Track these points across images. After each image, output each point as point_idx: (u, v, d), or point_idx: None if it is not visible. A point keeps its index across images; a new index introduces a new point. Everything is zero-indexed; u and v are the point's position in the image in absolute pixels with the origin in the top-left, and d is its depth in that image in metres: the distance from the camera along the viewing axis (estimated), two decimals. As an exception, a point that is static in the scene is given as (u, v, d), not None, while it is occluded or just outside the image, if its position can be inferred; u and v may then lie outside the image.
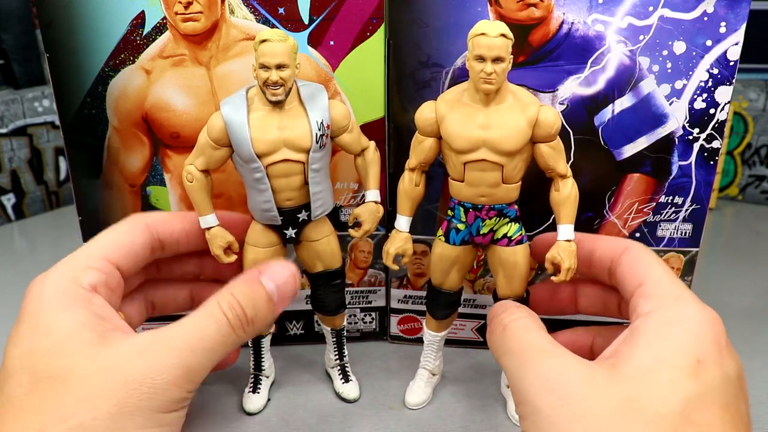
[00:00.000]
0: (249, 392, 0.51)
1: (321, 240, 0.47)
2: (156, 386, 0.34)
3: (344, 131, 0.45)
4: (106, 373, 0.34)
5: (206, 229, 0.45)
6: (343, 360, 0.53)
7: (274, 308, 0.40)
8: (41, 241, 0.84)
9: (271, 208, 0.44)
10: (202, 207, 0.45)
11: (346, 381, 0.52)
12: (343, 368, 0.53)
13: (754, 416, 0.50)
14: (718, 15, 0.47)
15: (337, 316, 0.51)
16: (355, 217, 0.48)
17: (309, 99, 0.43)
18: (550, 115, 0.43)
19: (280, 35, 0.40)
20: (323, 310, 0.50)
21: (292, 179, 0.43)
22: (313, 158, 0.43)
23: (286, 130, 0.42)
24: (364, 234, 0.47)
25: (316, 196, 0.44)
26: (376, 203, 0.47)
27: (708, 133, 0.50)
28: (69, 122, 0.50)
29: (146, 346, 0.36)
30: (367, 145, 0.47)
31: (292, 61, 0.41)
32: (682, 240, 0.54)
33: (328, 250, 0.47)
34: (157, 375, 0.34)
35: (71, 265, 0.40)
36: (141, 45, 0.48)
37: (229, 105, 0.42)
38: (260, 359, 0.51)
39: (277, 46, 0.40)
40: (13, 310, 0.39)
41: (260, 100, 0.42)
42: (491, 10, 0.48)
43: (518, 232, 0.46)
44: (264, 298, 0.40)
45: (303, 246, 0.47)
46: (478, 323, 0.58)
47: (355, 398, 0.52)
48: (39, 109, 0.87)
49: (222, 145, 0.43)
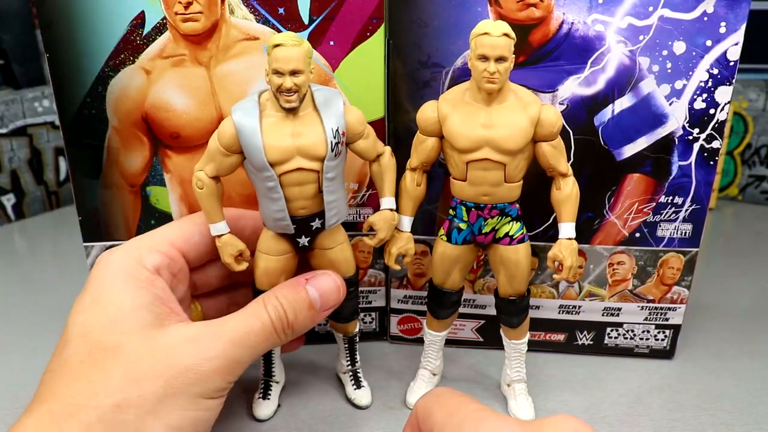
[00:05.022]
0: (259, 398, 0.51)
1: (335, 248, 0.45)
2: (201, 373, 0.37)
3: (360, 137, 0.43)
4: (155, 356, 0.36)
5: (216, 237, 0.44)
6: (355, 366, 0.52)
7: (315, 315, 0.43)
8: (41, 241, 0.84)
9: (284, 218, 0.42)
10: (212, 214, 0.43)
11: (358, 387, 0.51)
12: (355, 374, 0.52)
13: (754, 416, 0.50)
14: (718, 15, 0.47)
15: (350, 323, 0.50)
16: (370, 225, 0.46)
17: (324, 105, 0.41)
18: (552, 114, 0.43)
19: (295, 39, 0.39)
20: (336, 317, 0.49)
21: (305, 188, 0.42)
22: (328, 167, 0.41)
23: (300, 137, 0.40)
24: (379, 242, 0.46)
25: (330, 205, 0.43)
26: (392, 210, 0.46)
27: (708, 133, 0.50)
28: (69, 122, 0.50)
29: (196, 336, 0.38)
30: (382, 151, 0.45)
31: (307, 66, 0.39)
32: (682, 240, 0.54)
33: (341, 258, 0.46)
34: (203, 363, 0.37)
35: (138, 245, 0.42)
36: (141, 45, 0.48)
37: (240, 111, 0.40)
38: (271, 365, 0.51)
39: (291, 51, 0.38)
40: (14, 310, 0.39)
41: (273, 105, 0.41)
42: (491, 10, 0.48)
43: (520, 231, 0.46)
44: (306, 304, 0.42)
45: (316, 254, 0.46)
46: (478, 323, 0.58)
47: (367, 404, 0.51)
48: (39, 109, 0.87)
49: (233, 152, 0.41)
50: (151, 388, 0.35)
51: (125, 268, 0.40)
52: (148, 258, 0.41)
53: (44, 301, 0.66)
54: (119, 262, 0.41)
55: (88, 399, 0.34)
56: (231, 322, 0.39)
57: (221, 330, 0.39)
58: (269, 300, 0.41)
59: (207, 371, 0.37)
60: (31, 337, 0.60)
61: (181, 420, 0.36)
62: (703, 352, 0.59)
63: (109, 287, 0.39)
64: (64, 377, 0.36)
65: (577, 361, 0.58)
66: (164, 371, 0.36)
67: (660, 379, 0.55)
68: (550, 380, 0.55)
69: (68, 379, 0.36)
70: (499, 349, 0.52)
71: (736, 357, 0.58)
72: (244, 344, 0.39)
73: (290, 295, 0.42)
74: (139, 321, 0.38)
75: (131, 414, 0.35)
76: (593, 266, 0.55)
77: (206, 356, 0.37)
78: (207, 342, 0.38)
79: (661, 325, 0.57)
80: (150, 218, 0.53)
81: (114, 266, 0.40)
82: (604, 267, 0.55)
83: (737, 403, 0.52)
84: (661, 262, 0.55)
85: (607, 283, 0.56)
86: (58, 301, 0.41)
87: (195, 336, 0.38)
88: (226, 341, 0.38)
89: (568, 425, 0.30)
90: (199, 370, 0.37)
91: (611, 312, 0.57)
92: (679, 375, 0.56)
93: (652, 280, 0.55)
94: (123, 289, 0.39)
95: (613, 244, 0.54)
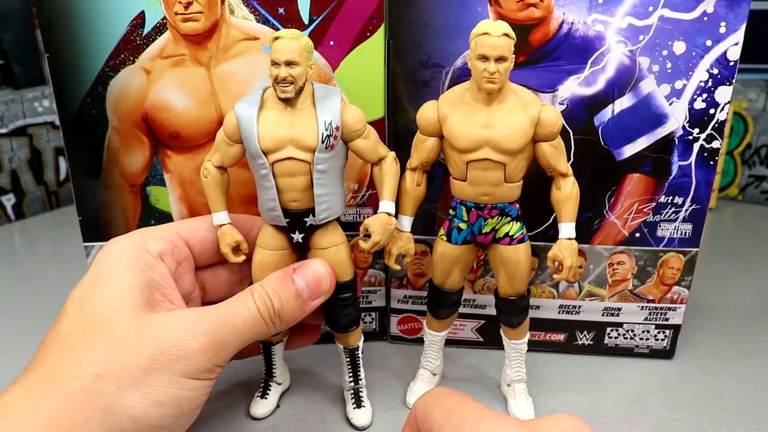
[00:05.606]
0: (257, 397, 0.51)
1: (329, 249, 0.45)
2: (185, 351, 0.37)
3: (358, 136, 0.44)
4: (141, 332, 0.37)
5: (218, 227, 0.45)
6: (358, 383, 0.50)
7: (303, 304, 0.43)
8: (41, 241, 0.84)
9: (275, 207, 0.43)
10: (215, 203, 0.45)
11: (359, 407, 0.49)
12: (356, 392, 0.50)
13: (754, 416, 0.50)
14: (718, 15, 0.47)
15: (350, 334, 0.48)
16: (366, 228, 0.45)
17: (321, 99, 0.43)
18: (552, 114, 0.43)
19: (294, 34, 0.41)
20: (335, 326, 0.48)
21: (296, 179, 0.43)
22: (319, 158, 0.42)
23: (294, 128, 0.42)
24: (373, 246, 0.45)
25: (320, 198, 0.43)
26: (389, 215, 0.45)
27: (708, 133, 0.50)
28: (69, 122, 0.50)
29: (182, 316, 0.39)
30: (385, 155, 0.45)
31: (304, 59, 0.41)
32: (682, 240, 0.54)
33: (336, 260, 0.45)
34: (188, 340, 0.38)
35: (144, 232, 0.44)
36: (141, 45, 0.48)
37: (243, 102, 0.43)
38: (271, 365, 0.51)
39: (288, 44, 0.40)
40: (14, 310, 0.39)
41: (274, 99, 0.42)
42: (491, 10, 0.48)
43: (519, 230, 0.46)
44: (293, 293, 0.43)
45: (311, 254, 0.46)
46: (478, 323, 0.58)
47: (364, 426, 0.49)
48: (39, 109, 0.87)
49: (235, 141, 0.43)
50: (134, 361, 0.36)
51: (128, 251, 0.42)
52: (152, 244, 0.43)
53: (44, 301, 0.66)
54: (123, 245, 0.42)
55: (72, 368, 0.35)
56: (219, 307, 0.40)
57: (208, 312, 0.40)
58: (255, 289, 0.42)
59: (191, 349, 0.37)
60: (31, 337, 0.59)
61: (163, 396, 0.36)
62: (703, 352, 0.59)
63: (110, 268, 0.40)
64: (53, 347, 0.37)
65: (577, 361, 0.58)
66: (148, 346, 0.37)
67: (660, 379, 0.55)
68: (550, 380, 0.55)
69: (56, 348, 0.37)
70: (499, 349, 0.52)
71: (736, 357, 0.58)
72: (230, 326, 0.39)
73: (276, 284, 0.42)
74: (131, 300, 0.39)
75: (112, 384, 0.35)
76: (593, 266, 0.55)
77: (192, 333, 0.38)
78: (192, 321, 0.39)
79: (661, 325, 0.57)
80: (150, 218, 0.53)
81: (117, 248, 0.42)
82: (604, 267, 0.55)
83: (737, 403, 0.52)
84: (661, 262, 0.55)
85: (607, 283, 0.56)
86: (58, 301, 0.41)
87: (180, 316, 0.39)
88: (212, 321, 0.39)
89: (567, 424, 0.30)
90: (184, 347, 0.37)
91: (611, 312, 0.57)
92: (679, 375, 0.56)
93: (652, 280, 0.55)
94: (122, 270, 0.40)
95: (613, 244, 0.54)
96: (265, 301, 0.41)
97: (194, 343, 0.38)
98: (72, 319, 0.38)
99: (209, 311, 0.40)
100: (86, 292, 0.39)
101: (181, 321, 0.39)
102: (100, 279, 0.40)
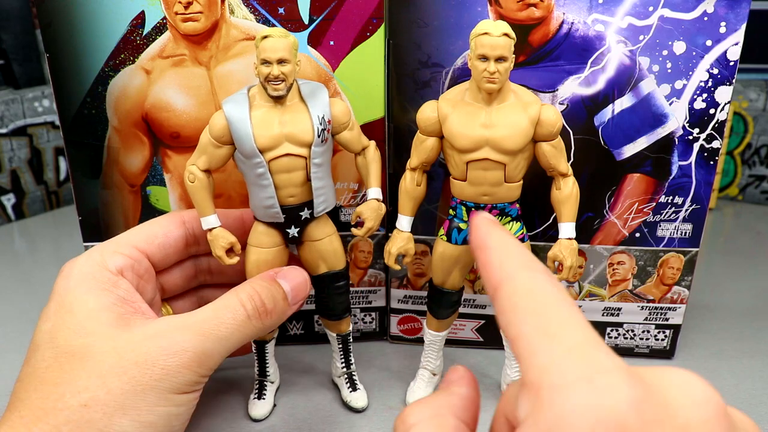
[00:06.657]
0: (254, 398, 0.51)
1: (324, 239, 0.46)
2: (168, 368, 0.36)
3: (345, 128, 0.45)
4: (119, 353, 0.36)
5: (208, 231, 0.45)
6: (350, 368, 0.52)
7: (287, 308, 0.43)
8: (41, 241, 0.84)
9: (273, 205, 0.44)
10: (203, 207, 0.44)
11: (354, 389, 0.51)
12: (350, 376, 0.52)
13: (754, 416, 0.50)
14: (718, 15, 0.47)
15: (343, 321, 0.50)
16: (358, 216, 0.47)
17: (310, 95, 0.43)
18: (552, 114, 0.43)
19: (281, 32, 0.41)
20: (328, 314, 0.49)
21: (294, 175, 0.43)
22: (315, 152, 0.43)
23: (288, 125, 0.42)
24: (367, 232, 0.46)
25: (318, 191, 0.44)
26: (378, 201, 0.47)
27: (708, 133, 0.50)
28: (69, 122, 0.50)
29: (161, 330, 0.38)
30: (367, 144, 0.47)
31: (293, 57, 0.42)
32: (682, 240, 0.54)
33: (330, 250, 0.47)
34: (169, 357, 0.36)
35: (101, 250, 0.42)
36: (141, 45, 0.48)
37: (231, 103, 0.43)
38: (265, 365, 0.51)
39: (278, 42, 0.41)
40: (14, 310, 0.39)
41: (262, 97, 0.43)
42: (491, 10, 0.48)
43: (519, 230, 0.46)
44: (281, 294, 0.43)
45: (306, 247, 0.47)
46: (478, 323, 0.58)
47: (363, 407, 0.51)
48: (39, 109, 0.87)
49: (224, 143, 0.43)
50: (117, 384, 0.35)
51: (87, 272, 0.40)
52: (110, 260, 0.41)
53: (44, 301, 0.66)
54: (81, 268, 0.40)
55: (56, 402, 0.34)
56: (200, 315, 0.39)
57: (188, 323, 0.38)
58: (243, 290, 0.41)
59: (174, 366, 0.36)
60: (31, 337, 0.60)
61: (152, 416, 0.36)
62: (703, 352, 0.59)
63: (72, 293, 0.39)
64: (32, 384, 0.36)
65: (577, 361, 0.57)
66: (130, 367, 0.36)
67: (660, 379, 0.55)
68: (550, 380, 0.55)
69: (35, 384, 0.36)
70: (499, 349, 0.52)
71: (736, 357, 0.58)
72: (214, 336, 0.38)
73: (266, 284, 0.42)
74: (103, 321, 0.37)
75: (99, 412, 0.34)
76: (593, 266, 0.55)
77: (172, 350, 0.36)
78: (172, 335, 0.37)
79: (661, 325, 0.57)
80: (150, 218, 0.53)
81: (76, 272, 0.40)
82: (604, 267, 0.55)
83: (737, 403, 0.52)
84: (661, 262, 0.55)
85: (607, 283, 0.56)
86: (58, 301, 0.40)
87: (159, 331, 0.37)
88: (194, 333, 0.38)
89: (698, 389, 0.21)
90: (166, 365, 0.36)
91: (611, 312, 0.57)
92: (679, 375, 0.56)
93: (652, 280, 0.55)
94: (85, 292, 0.39)
95: (613, 244, 0.54)
96: (254, 301, 0.41)
97: (176, 360, 0.36)
98: (45, 353, 0.37)
99: (189, 320, 0.38)
100: (54, 323, 0.38)
101: (159, 337, 0.37)
102: (65, 307, 0.38)
